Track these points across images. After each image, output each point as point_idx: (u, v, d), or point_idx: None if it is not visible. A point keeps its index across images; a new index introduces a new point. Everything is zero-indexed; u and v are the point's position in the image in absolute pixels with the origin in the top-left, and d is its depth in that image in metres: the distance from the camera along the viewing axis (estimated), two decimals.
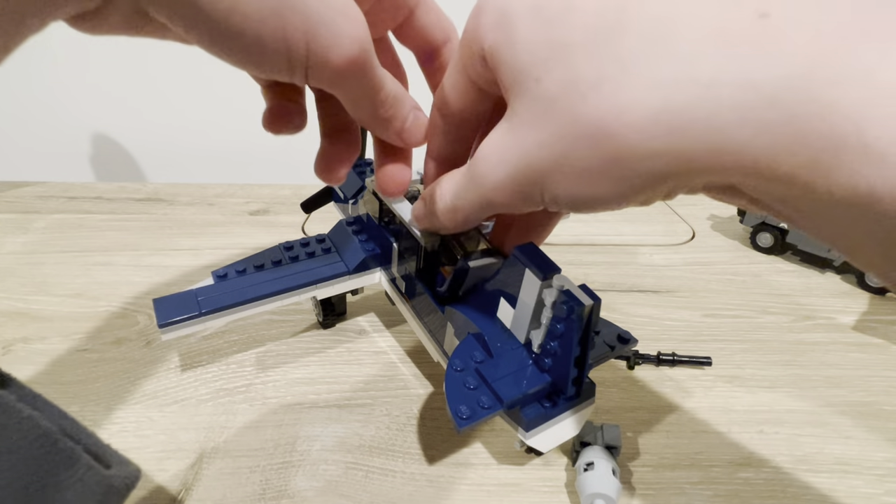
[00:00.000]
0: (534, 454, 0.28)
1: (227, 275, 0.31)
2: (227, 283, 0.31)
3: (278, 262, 0.32)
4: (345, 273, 0.33)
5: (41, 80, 0.60)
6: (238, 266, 0.32)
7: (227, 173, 0.64)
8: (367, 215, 0.35)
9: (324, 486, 0.27)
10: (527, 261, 0.23)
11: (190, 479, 0.27)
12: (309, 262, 0.33)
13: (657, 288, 0.42)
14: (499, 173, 0.18)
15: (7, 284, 0.41)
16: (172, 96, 0.62)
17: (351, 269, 0.33)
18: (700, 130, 0.13)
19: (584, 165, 0.15)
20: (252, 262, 0.32)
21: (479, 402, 0.23)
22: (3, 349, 0.35)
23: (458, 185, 0.21)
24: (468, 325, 0.26)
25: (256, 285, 0.31)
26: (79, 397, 0.31)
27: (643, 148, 0.13)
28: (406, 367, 0.34)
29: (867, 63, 0.11)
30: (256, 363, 0.34)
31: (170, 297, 0.30)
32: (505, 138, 0.18)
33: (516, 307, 0.24)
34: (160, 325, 0.28)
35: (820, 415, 0.31)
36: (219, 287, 0.30)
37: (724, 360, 0.35)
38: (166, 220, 0.50)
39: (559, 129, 0.15)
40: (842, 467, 0.28)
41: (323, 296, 0.33)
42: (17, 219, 0.49)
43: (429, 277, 0.29)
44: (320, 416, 0.31)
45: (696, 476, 0.28)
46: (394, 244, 0.31)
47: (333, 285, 0.33)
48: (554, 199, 0.17)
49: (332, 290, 0.33)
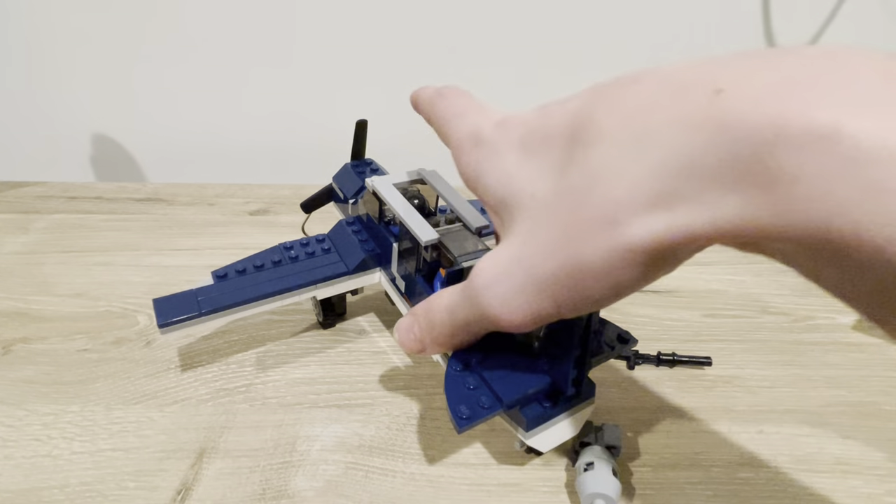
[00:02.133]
0: (534, 454, 0.28)
1: (226, 275, 0.31)
2: (227, 283, 0.31)
3: (278, 262, 0.32)
4: (345, 273, 0.33)
5: (41, 80, 0.60)
6: (238, 266, 0.32)
7: (227, 173, 0.64)
8: (367, 215, 0.35)
9: (324, 486, 0.27)
10: None
11: (190, 479, 0.27)
12: (309, 262, 0.33)
13: (657, 288, 0.42)
14: (503, 288, 0.18)
15: (7, 284, 0.41)
16: (172, 96, 0.62)
17: (351, 269, 0.33)
18: (687, 207, 0.14)
19: (589, 261, 0.15)
20: (252, 262, 0.32)
21: (479, 402, 0.23)
22: (3, 349, 0.35)
23: (449, 302, 0.21)
24: None
25: (256, 285, 0.31)
26: (79, 397, 0.31)
27: (646, 230, 0.14)
28: (406, 367, 0.34)
29: (812, 124, 0.12)
30: (256, 363, 0.34)
31: (170, 298, 0.30)
32: (504, 253, 0.18)
33: None
34: (160, 325, 0.28)
35: (820, 415, 0.31)
36: (219, 287, 0.30)
37: (724, 360, 0.35)
38: (166, 220, 0.50)
39: (562, 231, 0.16)
40: (842, 467, 0.28)
41: (323, 296, 0.33)
42: (17, 219, 0.49)
43: (429, 277, 0.29)
44: (320, 416, 0.31)
45: (696, 476, 0.28)
46: (394, 244, 0.31)
47: (333, 285, 0.33)
48: (562, 307, 0.17)
49: (333, 290, 0.33)
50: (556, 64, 0.60)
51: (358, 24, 0.58)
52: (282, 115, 0.61)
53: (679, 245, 0.14)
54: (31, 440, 0.29)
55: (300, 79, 0.61)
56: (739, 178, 0.13)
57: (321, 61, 0.60)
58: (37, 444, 0.29)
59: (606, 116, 0.15)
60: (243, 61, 0.59)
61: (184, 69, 0.60)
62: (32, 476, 0.27)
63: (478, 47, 0.58)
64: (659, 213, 0.14)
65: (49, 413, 0.30)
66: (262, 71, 0.60)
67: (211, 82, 0.61)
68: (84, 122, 0.63)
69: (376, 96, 0.62)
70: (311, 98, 0.62)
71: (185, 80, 0.61)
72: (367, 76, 0.61)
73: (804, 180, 0.12)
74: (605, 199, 0.15)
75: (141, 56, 0.59)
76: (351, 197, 0.37)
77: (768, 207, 0.12)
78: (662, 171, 0.14)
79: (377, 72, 0.61)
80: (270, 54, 0.59)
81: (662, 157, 0.14)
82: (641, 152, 0.14)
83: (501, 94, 0.62)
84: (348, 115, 0.63)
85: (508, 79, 0.59)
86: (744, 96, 0.13)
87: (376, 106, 0.63)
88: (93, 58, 0.59)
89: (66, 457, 0.28)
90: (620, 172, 0.14)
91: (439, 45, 0.59)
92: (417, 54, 0.59)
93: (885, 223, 0.11)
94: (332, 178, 0.39)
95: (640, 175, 0.14)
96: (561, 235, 0.16)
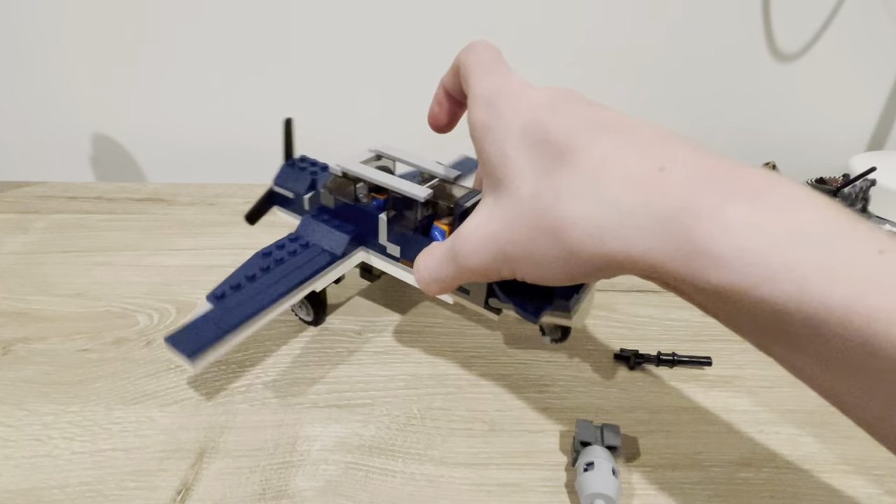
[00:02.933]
0: (560, 342, 0.31)
1: (224, 294, 0.30)
2: (230, 300, 0.30)
3: (267, 268, 0.32)
4: (336, 259, 0.34)
5: (41, 80, 0.60)
6: (231, 282, 0.31)
7: (227, 173, 0.64)
8: (333, 204, 0.35)
9: (324, 486, 0.27)
10: None
11: (190, 479, 0.27)
12: (295, 261, 0.33)
13: (657, 288, 0.42)
14: (479, 256, 0.23)
15: (7, 284, 0.41)
16: (172, 96, 0.62)
17: (340, 254, 0.34)
18: (621, 241, 0.18)
19: (545, 255, 0.20)
20: (242, 275, 0.31)
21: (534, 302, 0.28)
22: (3, 349, 0.35)
23: (439, 262, 0.25)
24: None
25: (262, 292, 0.31)
26: (79, 397, 0.31)
27: (588, 248, 0.19)
28: (407, 367, 0.34)
29: (710, 206, 0.16)
30: (256, 363, 0.34)
31: (181, 332, 0.29)
32: (482, 229, 0.23)
33: None
34: (191, 357, 0.27)
35: (820, 415, 0.31)
36: (224, 306, 0.30)
37: (724, 360, 0.35)
38: (166, 220, 0.50)
39: (529, 228, 0.21)
40: (842, 467, 0.28)
41: (320, 287, 0.34)
42: (17, 219, 0.49)
43: (424, 231, 0.32)
44: (320, 416, 0.31)
45: (696, 476, 0.28)
46: (380, 216, 0.33)
47: (327, 274, 0.34)
48: (521, 276, 0.22)
49: (326, 280, 0.34)
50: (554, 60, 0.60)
51: (358, 25, 0.58)
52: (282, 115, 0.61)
53: (602, 263, 0.19)
54: (31, 440, 0.29)
55: (300, 79, 0.61)
56: (660, 233, 0.17)
57: (321, 62, 0.60)
58: (37, 444, 0.29)
59: (590, 151, 0.19)
60: (243, 61, 0.59)
61: (184, 69, 0.60)
62: (32, 476, 0.27)
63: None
64: (598, 241, 0.19)
65: (49, 413, 0.30)
66: (263, 71, 0.60)
67: (211, 82, 0.61)
68: (84, 122, 0.63)
69: (376, 97, 0.62)
70: (311, 98, 0.62)
71: (185, 81, 0.61)
72: (367, 77, 0.61)
73: (712, 249, 0.16)
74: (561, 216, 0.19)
75: (141, 56, 0.59)
76: (305, 192, 0.37)
77: (678, 258, 0.17)
78: (607, 210, 0.18)
79: (377, 73, 0.61)
80: (270, 54, 0.59)
81: (616, 202, 0.18)
82: (602, 190, 0.19)
83: None
84: (348, 116, 0.63)
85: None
86: (673, 178, 0.18)
87: (376, 106, 0.63)
88: (93, 58, 0.59)
89: (66, 457, 0.28)
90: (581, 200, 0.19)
91: (440, 45, 0.59)
92: (417, 55, 0.59)
93: (752, 273, 0.15)
94: (273, 182, 0.39)
95: (590, 207, 0.19)
96: (526, 231, 0.21)
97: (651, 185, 0.18)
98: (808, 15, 0.60)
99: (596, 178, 0.19)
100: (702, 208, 0.16)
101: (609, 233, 0.18)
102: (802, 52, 0.62)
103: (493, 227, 0.22)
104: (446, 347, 0.36)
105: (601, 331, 0.38)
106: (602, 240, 0.18)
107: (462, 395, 0.33)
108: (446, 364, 0.35)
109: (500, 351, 0.36)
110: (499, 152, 0.22)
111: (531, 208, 0.20)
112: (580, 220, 0.19)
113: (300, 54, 0.59)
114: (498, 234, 0.22)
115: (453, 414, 0.31)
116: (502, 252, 0.22)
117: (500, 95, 0.23)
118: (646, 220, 0.17)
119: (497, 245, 0.22)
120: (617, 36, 0.59)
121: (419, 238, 0.32)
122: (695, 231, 0.16)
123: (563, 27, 0.59)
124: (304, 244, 0.34)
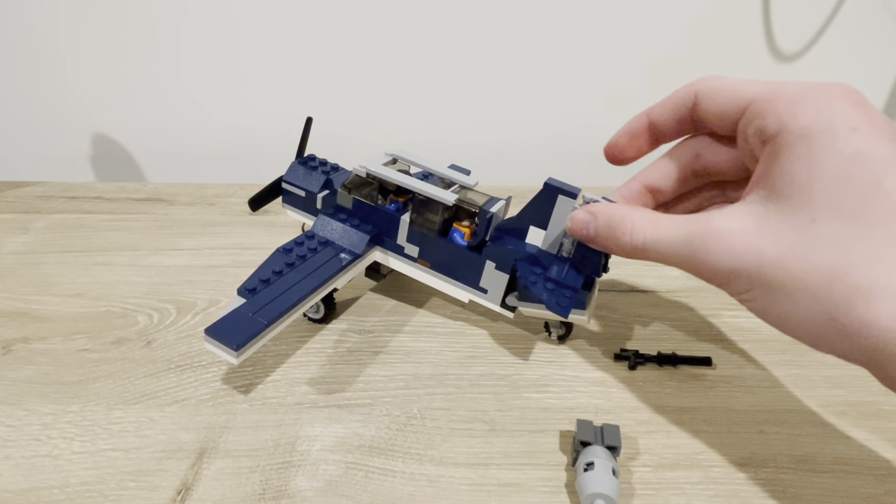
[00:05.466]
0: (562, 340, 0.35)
1: (255, 288, 0.31)
2: (263, 295, 0.31)
3: (292, 264, 0.33)
4: (357, 257, 0.34)
5: (41, 80, 0.60)
6: (261, 275, 0.32)
7: (227, 173, 0.64)
8: (351, 204, 0.36)
9: (324, 486, 0.27)
10: (559, 188, 0.30)
11: (190, 479, 0.27)
12: (316, 258, 0.34)
13: (657, 288, 0.42)
14: (728, 258, 0.20)
15: (7, 284, 0.41)
16: (172, 96, 0.62)
17: (360, 253, 0.35)
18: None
19: (806, 301, 0.18)
20: (269, 270, 0.32)
21: (563, 294, 0.30)
22: (3, 349, 0.35)
23: (663, 235, 0.23)
24: (510, 254, 0.32)
25: (293, 288, 0.31)
26: (79, 397, 0.31)
27: (874, 330, 0.16)
28: (407, 367, 0.34)
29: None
30: (256, 363, 0.34)
31: (220, 324, 0.29)
32: (747, 237, 0.20)
33: (548, 227, 0.31)
34: (236, 349, 0.28)
35: (820, 415, 0.31)
36: (258, 300, 0.30)
37: (724, 360, 0.35)
38: (166, 220, 0.50)
39: (809, 263, 0.18)
40: (842, 467, 0.28)
41: (341, 284, 0.35)
42: (17, 219, 0.49)
43: (443, 233, 0.34)
44: (320, 416, 0.31)
45: (696, 476, 0.28)
46: (402, 217, 0.35)
47: (348, 272, 0.34)
48: (753, 304, 0.21)
49: (347, 278, 0.35)
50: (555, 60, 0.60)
51: (359, 25, 0.58)
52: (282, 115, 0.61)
53: (873, 347, 0.17)
54: (31, 440, 0.29)
55: (300, 79, 0.61)
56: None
57: (321, 61, 0.60)
58: (37, 444, 0.29)
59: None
60: (243, 61, 0.59)
61: (184, 69, 0.60)
62: (32, 476, 0.27)
63: (482, 48, 0.58)
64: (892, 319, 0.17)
65: (49, 413, 0.30)
66: (263, 71, 0.60)
67: (211, 82, 0.61)
68: (84, 122, 0.63)
69: (376, 97, 0.62)
70: (311, 98, 0.62)
71: (185, 80, 0.60)
72: (367, 77, 0.61)
73: None
74: (858, 285, 0.17)
75: (141, 56, 0.59)
76: (319, 191, 0.37)
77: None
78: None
79: (377, 73, 0.61)
80: (271, 54, 0.59)
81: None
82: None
83: (504, 95, 0.62)
84: (348, 116, 0.63)
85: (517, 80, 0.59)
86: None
87: (376, 107, 0.63)
88: (93, 57, 0.59)
89: (66, 457, 0.28)
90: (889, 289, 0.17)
91: (440, 45, 0.59)
92: (418, 55, 0.59)
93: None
94: (283, 178, 0.39)
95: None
96: (802, 264, 0.18)
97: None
98: (808, 15, 0.60)
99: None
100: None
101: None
102: (802, 52, 0.62)
103: (760, 241, 0.20)
104: (446, 347, 0.36)
105: (601, 331, 0.38)
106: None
107: (462, 395, 0.33)
108: (446, 364, 0.35)
109: (500, 351, 0.36)
110: (810, 178, 0.19)
111: (821, 250, 0.18)
112: (885, 298, 0.17)
113: (300, 54, 0.59)
114: (765, 251, 0.20)
115: (453, 414, 0.31)
116: (757, 274, 0.20)
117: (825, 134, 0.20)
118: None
119: (758, 261, 0.20)
120: (614, 37, 0.59)
121: (439, 240, 0.34)
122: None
123: (563, 27, 0.58)
124: (322, 242, 0.35)
